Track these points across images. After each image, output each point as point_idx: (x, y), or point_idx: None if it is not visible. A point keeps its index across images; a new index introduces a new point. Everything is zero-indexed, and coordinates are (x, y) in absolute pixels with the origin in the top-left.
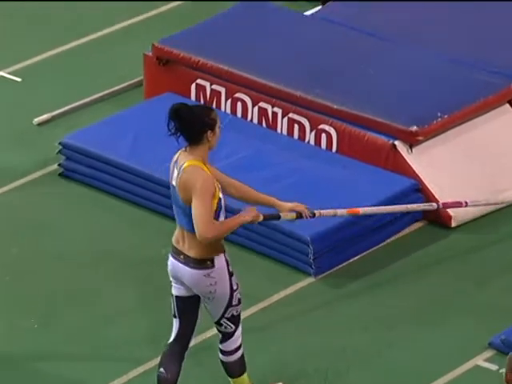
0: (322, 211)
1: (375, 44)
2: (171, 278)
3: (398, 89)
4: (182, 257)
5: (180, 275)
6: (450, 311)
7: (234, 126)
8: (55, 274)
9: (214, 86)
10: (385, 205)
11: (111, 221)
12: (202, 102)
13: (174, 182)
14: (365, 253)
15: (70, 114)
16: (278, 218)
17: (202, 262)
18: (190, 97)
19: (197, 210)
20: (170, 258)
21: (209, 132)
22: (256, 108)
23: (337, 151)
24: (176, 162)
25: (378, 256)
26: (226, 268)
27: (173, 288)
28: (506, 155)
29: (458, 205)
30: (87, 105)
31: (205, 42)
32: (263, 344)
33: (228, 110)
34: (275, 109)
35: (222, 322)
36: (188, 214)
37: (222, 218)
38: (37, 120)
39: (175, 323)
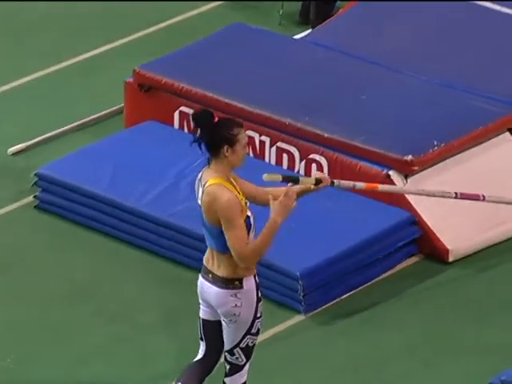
0: (341, 181)
1: (367, 69)
2: (199, 300)
3: (392, 116)
4: (210, 276)
5: (207, 295)
6: (446, 350)
7: None
8: (31, 311)
9: None
10: (379, 239)
11: (89, 256)
12: (185, 130)
13: (199, 202)
14: (357, 289)
15: (46, 144)
16: (298, 181)
17: (231, 282)
18: (173, 125)
19: (228, 235)
20: (200, 278)
21: (226, 147)
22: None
23: None
24: (200, 179)
25: (371, 292)
26: (254, 291)
27: (200, 310)
28: (506, 186)
29: (475, 197)
30: (64, 134)
31: (189, 67)
32: (251, 383)
33: None
34: (263, 137)
35: (235, 351)
36: (215, 235)
37: (251, 236)
38: (11, 150)
39: (201, 346)
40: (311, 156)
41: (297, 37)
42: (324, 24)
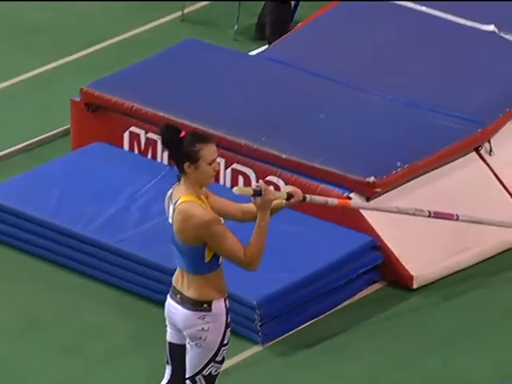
0: (313, 196)
1: (326, 86)
2: (167, 322)
3: (352, 136)
4: (178, 296)
5: (174, 316)
6: (410, 381)
7: (173, 178)
8: None
9: (149, 135)
10: (340, 266)
11: (34, 285)
12: (136, 151)
13: (170, 220)
14: (317, 318)
15: None
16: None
17: (199, 304)
18: (122, 146)
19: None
20: (168, 299)
21: (187, 164)
22: None
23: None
24: (170, 197)
25: (332, 321)
26: (224, 316)
27: (167, 333)
28: (473, 208)
29: (449, 216)
30: (7, 157)
31: (139, 85)
32: None
33: (165, 161)
34: (217, 159)
35: (197, 378)
36: (185, 253)
37: (221, 258)
38: None
39: (167, 369)
40: (268, 178)
41: (252, 53)
42: (281, 39)
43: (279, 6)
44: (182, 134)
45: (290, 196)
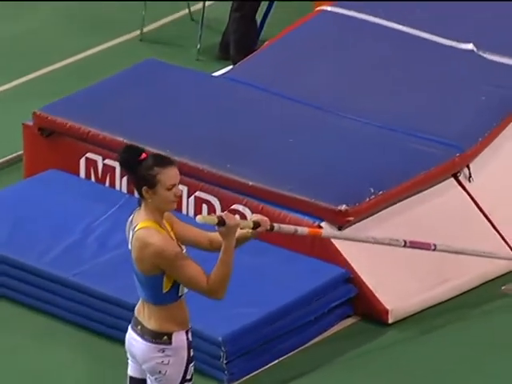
0: (281, 225)
1: (295, 109)
2: (128, 354)
3: (323, 161)
4: (139, 327)
5: (134, 349)
6: None
7: (132, 207)
8: None
9: (107, 161)
10: (310, 300)
11: None
12: (93, 179)
13: (130, 246)
14: (286, 355)
15: None
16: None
17: (159, 336)
18: (78, 174)
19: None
20: (129, 330)
21: (145, 188)
22: None
23: None
24: (131, 222)
25: (302, 358)
26: (185, 349)
27: (128, 366)
28: (452, 238)
29: (426, 246)
30: None
31: (96, 108)
32: None
33: (124, 189)
34: (179, 186)
35: None
36: (144, 284)
37: (181, 288)
38: None
39: None
40: (234, 206)
41: (216, 74)
42: (246, 59)
43: (245, 23)
44: (143, 156)
45: (256, 225)
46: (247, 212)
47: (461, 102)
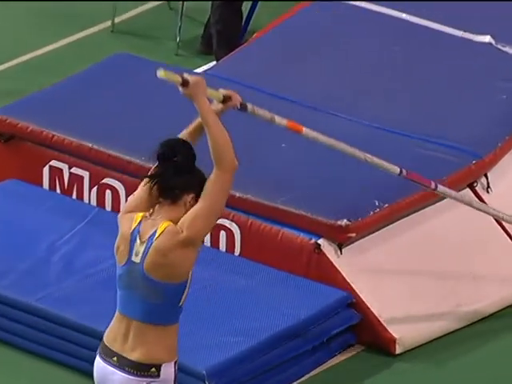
0: (256, 108)
1: (287, 110)
2: None
3: (321, 170)
4: (115, 359)
5: (110, 383)
6: None
7: (102, 222)
8: None
9: (74, 170)
10: (307, 327)
11: None
12: (58, 190)
13: (135, 258)
14: None
15: None
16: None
17: (145, 368)
18: (41, 184)
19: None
20: (99, 361)
21: (193, 196)
22: None
23: (241, 254)
24: (138, 231)
25: None
26: (172, 382)
27: None
28: (468, 255)
29: (425, 182)
30: None
31: (61, 110)
32: None
33: (93, 201)
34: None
35: None
36: (160, 296)
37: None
38: None
39: None
40: (220, 222)
41: (198, 70)
42: (231, 54)
43: (228, 12)
44: None
45: (226, 98)
46: (234, 227)
47: (477, 101)
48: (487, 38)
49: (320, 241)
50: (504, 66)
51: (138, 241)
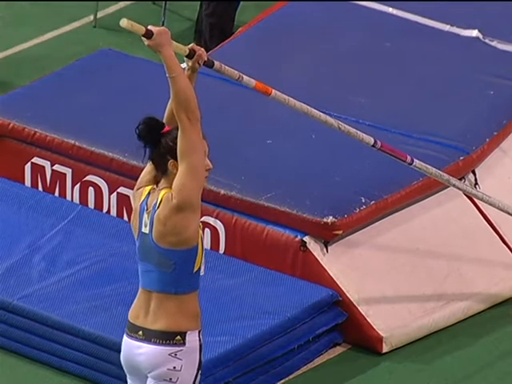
0: (224, 66)
1: (273, 106)
2: (126, 372)
3: (306, 166)
4: (140, 333)
5: (137, 358)
6: None
7: (85, 220)
8: None
9: (56, 167)
10: (292, 326)
11: None
12: (40, 187)
13: (144, 229)
14: None
15: None
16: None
17: (170, 336)
18: (23, 181)
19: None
20: (125, 340)
21: (171, 162)
22: (114, 195)
23: (225, 252)
24: (146, 203)
25: None
26: (198, 352)
27: None
28: (456, 252)
29: (400, 156)
30: None
31: (43, 106)
32: None
33: (76, 199)
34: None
35: None
36: (172, 262)
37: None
38: None
39: None
40: (204, 219)
41: (184, 65)
42: (217, 48)
43: (223, 7)
44: (166, 128)
45: (191, 53)
46: (219, 225)
47: (465, 97)
48: (475, 33)
49: (306, 238)
50: (492, 60)
51: (145, 212)
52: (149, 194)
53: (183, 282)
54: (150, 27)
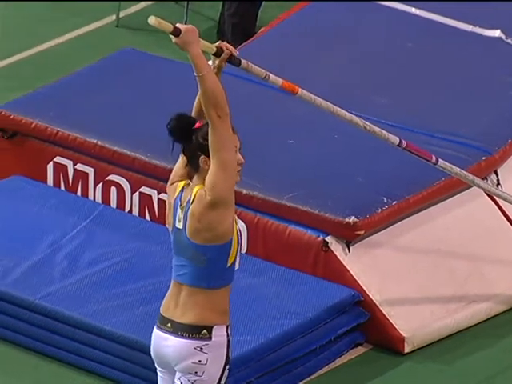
0: (251, 65)
1: (296, 106)
2: (156, 364)
3: (328, 166)
4: (169, 325)
5: (165, 350)
6: None
7: (107, 220)
8: None
9: (78, 166)
10: (314, 326)
11: None
12: (62, 186)
13: (178, 224)
14: None
15: None
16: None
17: (197, 330)
18: (46, 180)
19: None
20: (155, 332)
21: (203, 158)
22: (136, 195)
23: (247, 252)
24: (180, 198)
25: None
26: (225, 347)
27: (158, 378)
28: (478, 253)
29: (425, 156)
30: None
31: (65, 106)
32: None
33: (98, 198)
34: (162, 195)
35: None
36: (206, 257)
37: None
38: None
39: None
40: None
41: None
42: (240, 48)
43: (245, 6)
44: (197, 124)
45: (219, 51)
46: (241, 225)
47: (487, 97)
48: (497, 33)
49: (328, 238)
50: None
51: (179, 208)
52: (182, 189)
53: (216, 276)
54: (177, 25)
